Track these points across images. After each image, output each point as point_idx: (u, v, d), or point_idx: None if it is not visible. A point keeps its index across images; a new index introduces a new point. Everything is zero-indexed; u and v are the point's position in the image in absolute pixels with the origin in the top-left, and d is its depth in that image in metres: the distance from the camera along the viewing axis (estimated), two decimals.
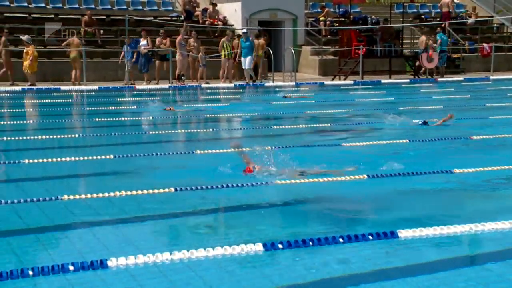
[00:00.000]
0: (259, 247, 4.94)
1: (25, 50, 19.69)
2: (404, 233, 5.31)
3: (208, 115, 14.08)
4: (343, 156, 8.89)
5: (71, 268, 4.46)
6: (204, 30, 25.37)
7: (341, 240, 5.12)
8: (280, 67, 25.31)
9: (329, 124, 12.54)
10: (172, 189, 6.88)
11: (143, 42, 21.62)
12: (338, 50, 25.36)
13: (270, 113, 14.60)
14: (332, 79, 24.34)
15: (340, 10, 28.44)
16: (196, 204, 6.47)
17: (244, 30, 22.78)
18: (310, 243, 5.05)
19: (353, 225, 5.83)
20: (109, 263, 4.58)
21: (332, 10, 28.74)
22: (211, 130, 12.37)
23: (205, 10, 26.54)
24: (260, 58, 23.45)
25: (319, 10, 29.03)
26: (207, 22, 25.71)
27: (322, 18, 27.80)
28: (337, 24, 27.48)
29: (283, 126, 12.21)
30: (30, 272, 4.35)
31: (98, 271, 4.52)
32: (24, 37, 19.97)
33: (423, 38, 25.23)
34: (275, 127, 12.25)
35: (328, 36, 27.37)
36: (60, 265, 4.45)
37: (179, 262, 4.69)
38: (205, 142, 10.75)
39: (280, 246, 4.97)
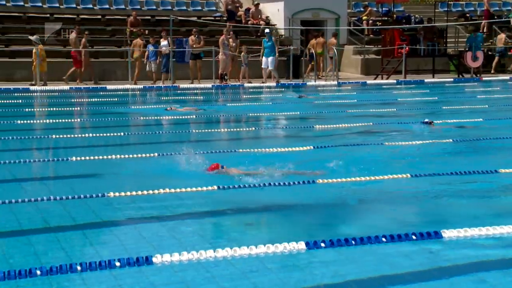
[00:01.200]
0: (301, 245, 4.96)
1: (33, 50, 19.74)
2: (448, 233, 5.25)
3: (251, 114, 14.14)
4: (386, 157, 8.84)
5: (118, 264, 4.55)
6: (247, 30, 25.47)
7: (384, 239, 5.10)
8: (324, 67, 25.28)
9: (371, 123, 12.44)
10: (215, 187, 6.95)
11: (163, 42, 21.52)
12: (381, 49, 25.15)
13: (309, 112, 14.57)
14: (375, 78, 24.15)
15: (383, 9, 28.19)
16: (239, 202, 6.52)
17: (267, 30, 22.58)
18: (353, 242, 5.05)
19: (396, 225, 5.80)
20: (154, 259, 4.65)
21: (375, 9, 28.53)
22: (252, 129, 12.38)
23: (248, 10, 26.65)
24: (322, 56, 23.44)
25: (361, 9, 28.84)
26: (249, 22, 25.80)
27: (364, 18, 27.61)
28: (380, 24, 27.25)
29: (325, 126, 12.16)
30: (79, 268, 4.46)
31: (143, 267, 4.59)
32: (33, 37, 20.13)
33: (502, 36, 24.79)
34: (317, 126, 12.21)
35: (371, 36, 27.18)
36: (107, 261, 4.54)
37: (222, 259, 4.75)
38: (237, 141, 10.77)
39: (322, 244, 4.98)
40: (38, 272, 4.33)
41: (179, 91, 20.03)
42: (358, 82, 22.98)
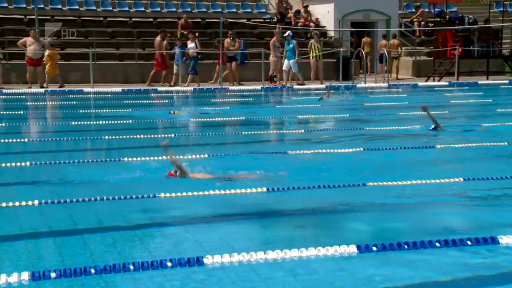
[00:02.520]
0: (352, 248, 4.91)
1: (46, 54, 19.90)
2: (506, 240, 5.12)
3: (300, 116, 14.11)
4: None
5: (169, 264, 4.59)
6: (296, 31, 25.44)
7: (437, 244, 5.01)
8: (372, 68, 25.07)
9: (421, 126, 12.22)
10: (265, 189, 6.96)
11: (191, 44, 21.46)
12: (433, 50, 24.75)
13: (359, 115, 14.46)
14: (426, 80, 23.79)
15: (436, 10, 27.75)
16: (290, 204, 6.51)
17: (288, 33, 22.38)
18: (405, 246, 4.97)
19: (450, 229, 5.69)
20: (205, 260, 4.68)
21: (427, 10, 28.10)
22: (302, 131, 12.35)
23: (298, 12, 26.62)
24: (369, 55, 23.39)
25: (413, 10, 28.46)
26: (299, 24, 25.77)
27: (416, 19, 27.23)
28: (432, 25, 26.83)
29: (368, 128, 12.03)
30: (131, 267, 4.52)
31: (194, 268, 4.63)
32: (48, 39, 20.39)
33: None
34: (367, 128, 12.08)
35: (422, 37, 26.79)
36: (158, 261, 4.59)
37: (273, 261, 4.74)
38: (285, 143, 10.75)
39: (374, 248, 4.92)
40: (93, 270, 4.41)
41: (228, 93, 20.13)
42: (409, 84, 22.67)
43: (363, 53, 23.34)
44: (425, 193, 7.02)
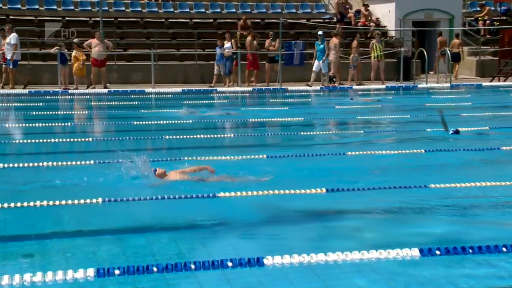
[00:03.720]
0: (415, 252, 4.82)
1: (73, 54, 20.07)
2: None
3: (360, 117, 13.98)
4: None
5: (230, 264, 4.62)
6: (356, 31, 25.22)
7: (504, 249, 4.87)
8: (433, 67, 24.61)
9: (487, 127, 11.91)
10: (324, 190, 6.92)
11: (227, 44, 21.41)
12: (498, 50, 24.08)
13: (419, 115, 14.21)
14: (491, 81, 23.18)
15: (502, 8, 27.01)
16: (351, 205, 6.46)
17: (320, 33, 22.06)
18: (470, 251, 4.85)
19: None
20: (265, 261, 4.68)
21: (492, 8, 27.37)
22: (362, 131, 12.22)
23: (358, 11, 26.38)
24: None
25: (477, 9, 27.77)
26: (359, 24, 25.53)
27: (481, 17, 26.57)
28: (498, 23, 26.11)
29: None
30: (192, 266, 4.56)
31: (254, 268, 4.64)
32: (75, 40, 20.55)
33: None
34: (428, 129, 11.86)
35: (487, 36, 26.11)
36: (219, 261, 4.62)
37: (333, 263, 4.70)
38: (344, 144, 10.64)
39: (437, 252, 4.82)
40: (155, 269, 4.47)
41: (287, 93, 20.12)
42: (472, 85, 22.14)
43: (439, 52, 22.88)
44: (490, 195, 6.85)
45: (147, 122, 12.82)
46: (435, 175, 7.68)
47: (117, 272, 4.40)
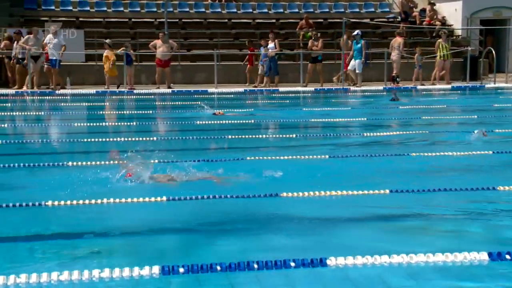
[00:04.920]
0: (483, 256, 4.70)
1: (105, 54, 20.24)
2: None
3: (425, 117, 13.72)
4: None
5: (292, 264, 4.60)
6: (421, 31, 24.80)
7: None
8: (503, 67, 23.89)
9: None
10: (387, 191, 6.83)
11: (270, 45, 21.27)
12: None
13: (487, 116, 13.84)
14: None
15: None
16: (415, 207, 6.35)
17: (356, 32, 21.60)
18: None
19: None
20: (328, 261, 4.65)
21: None
22: (426, 131, 11.99)
23: (423, 10, 25.92)
24: None
25: None
26: (424, 23, 25.07)
27: None
28: None
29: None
30: (255, 266, 4.56)
31: (317, 269, 4.61)
32: (107, 41, 20.69)
33: None
34: (497, 130, 11.52)
35: None
36: (282, 261, 4.61)
37: (397, 266, 4.63)
38: (408, 145, 10.46)
39: (507, 257, 4.68)
40: (218, 267, 4.51)
41: (349, 94, 19.96)
42: None
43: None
44: None
45: (209, 122, 12.94)
46: (502, 177, 7.47)
47: (181, 270, 4.46)
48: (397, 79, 21.50)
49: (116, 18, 24.41)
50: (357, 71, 21.26)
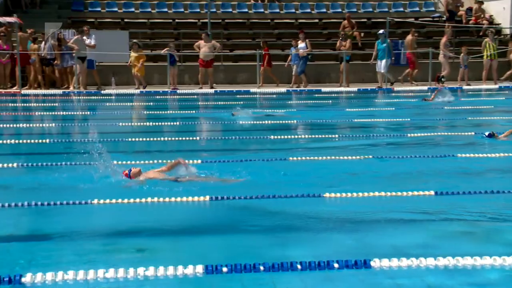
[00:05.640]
0: None
1: (136, 54, 20.18)
2: None
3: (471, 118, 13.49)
4: None
5: (336, 265, 4.58)
6: (467, 30, 24.38)
7: None
8: None
9: None
10: (432, 192, 6.75)
11: (301, 44, 21.04)
12: None
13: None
14: None
15: None
16: (459, 208, 6.26)
17: (381, 31, 21.16)
18: None
19: None
20: (372, 263, 4.62)
21: None
22: (472, 133, 11.78)
23: (469, 9, 25.47)
24: None
25: None
26: (470, 22, 24.64)
27: None
28: None
29: None
30: (299, 266, 4.56)
31: (361, 270, 4.58)
32: (136, 41, 20.59)
33: None
34: None
35: None
36: (325, 262, 4.60)
37: (443, 268, 4.56)
38: (454, 146, 10.29)
39: None
40: (262, 267, 4.52)
41: (393, 94, 19.76)
42: None
43: None
44: None
45: (251, 122, 12.98)
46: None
47: (224, 269, 4.48)
48: (442, 79, 21.17)
49: (160, 19, 24.70)
50: (382, 71, 21.04)
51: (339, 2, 26.03)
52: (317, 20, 25.20)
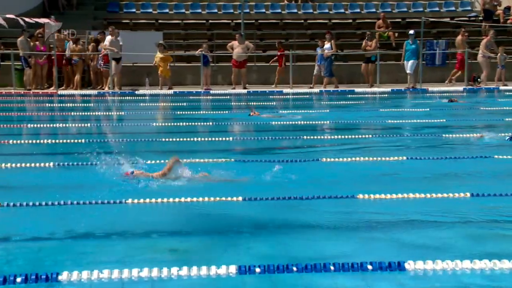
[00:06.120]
0: None
1: (162, 55, 20.15)
2: None
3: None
4: None
5: (370, 267, 4.55)
6: (505, 29, 24.00)
7: None
8: None
9: None
10: (468, 194, 6.66)
11: (327, 45, 20.91)
12: None
13: None
14: None
15: None
16: (495, 211, 6.17)
17: (411, 32, 20.84)
18: None
19: None
20: (406, 265, 4.57)
21: None
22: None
23: (507, 8, 25.06)
24: None
25: None
26: (509, 21, 24.24)
27: None
28: None
29: None
30: (332, 268, 4.54)
31: (395, 273, 4.54)
32: (161, 42, 20.55)
33: None
34: None
35: None
36: (359, 263, 4.57)
37: (479, 272, 4.49)
38: (489, 147, 10.13)
39: None
40: (294, 268, 4.51)
41: (428, 95, 19.55)
42: None
43: None
44: None
45: (284, 123, 12.98)
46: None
47: (257, 270, 4.48)
48: (478, 79, 20.88)
49: (194, 19, 24.86)
50: (408, 71, 20.78)
51: (373, 2, 25.86)
52: (350, 20, 25.07)
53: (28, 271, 4.36)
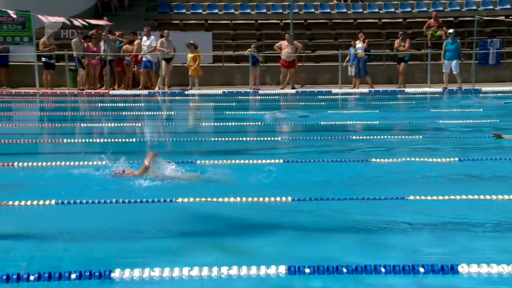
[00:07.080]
0: None
1: (192, 55, 19.93)
2: None
3: None
4: None
5: (421, 270, 4.48)
6: None
7: None
8: None
9: None
10: (506, 197, 6.53)
11: (358, 45, 20.53)
12: None
13: None
14: None
15: None
16: None
17: (450, 31, 20.18)
18: None
19: None
20: (459, 269, 4.49)
21: None
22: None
23: None
24: None
25: None
26: None
27: None
28: None
29: None
30: (383, 270, 4.50)
31: (448, 276, 4.46)
32: (193, 41, 20.29)
33: None
34: None
35: None
36: (411, 266, 4.51)
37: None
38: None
39: None
40: (344, 270, 4.48)
41: (481, 95, 19.17)
42: None
43: None
44: None
45: (330, 123, 12.93)
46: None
47: (307, 270, 4.47)
48: None
49: (243, 20, 24.95)
50: (454, 72, 20.32)
51: (425, 1, 25.47)
52: (401, 20, 24.74)
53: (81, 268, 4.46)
